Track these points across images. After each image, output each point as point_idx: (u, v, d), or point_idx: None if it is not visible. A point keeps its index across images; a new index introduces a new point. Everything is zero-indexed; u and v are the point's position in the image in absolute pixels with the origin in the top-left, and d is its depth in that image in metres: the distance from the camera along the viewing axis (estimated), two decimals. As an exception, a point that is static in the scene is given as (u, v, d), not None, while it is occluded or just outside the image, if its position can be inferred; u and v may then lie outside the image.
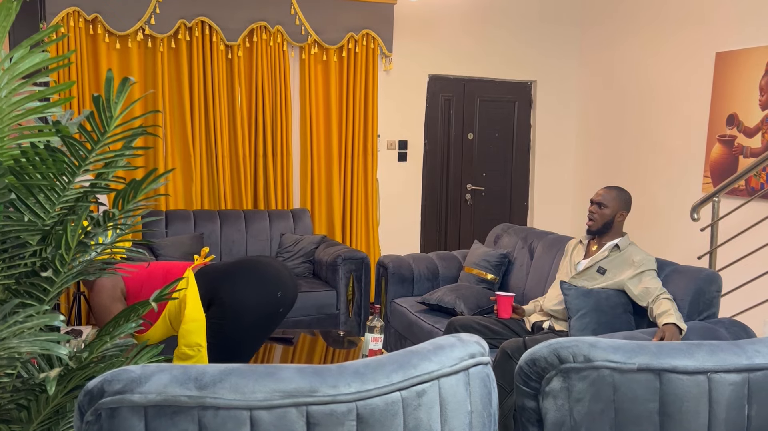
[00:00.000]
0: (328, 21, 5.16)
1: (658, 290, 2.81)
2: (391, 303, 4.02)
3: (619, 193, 3.10)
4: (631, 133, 5.56)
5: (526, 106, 6.17)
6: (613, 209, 3.06)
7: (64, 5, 4.46)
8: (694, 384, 1.24)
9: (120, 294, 2.60)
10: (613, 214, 3.06)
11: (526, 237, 3.98)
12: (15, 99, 1.32)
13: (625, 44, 5.61)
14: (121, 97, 1.37)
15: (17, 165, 1.33)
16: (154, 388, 1.06)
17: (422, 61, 5.67)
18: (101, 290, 2.57)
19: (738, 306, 4.00)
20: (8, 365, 1.30)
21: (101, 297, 2.57)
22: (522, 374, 1.36)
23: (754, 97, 4.42)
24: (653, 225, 5.29)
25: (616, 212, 3.07)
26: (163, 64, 4.78)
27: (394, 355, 1.21)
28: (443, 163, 5.93)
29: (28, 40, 1.30)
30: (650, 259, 2.96)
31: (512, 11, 5.92)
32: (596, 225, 3.09)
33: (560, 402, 1.29)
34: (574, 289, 2.97)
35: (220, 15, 4.85)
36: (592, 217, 3.11)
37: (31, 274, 1.39)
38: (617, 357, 1.27)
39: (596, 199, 3.10)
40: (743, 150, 4.50)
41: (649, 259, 2.96)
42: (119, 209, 1.45)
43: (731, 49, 4.60)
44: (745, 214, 4.21)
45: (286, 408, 1.07)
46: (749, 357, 1.27)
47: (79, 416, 1.12)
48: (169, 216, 4.68)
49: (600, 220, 3.08)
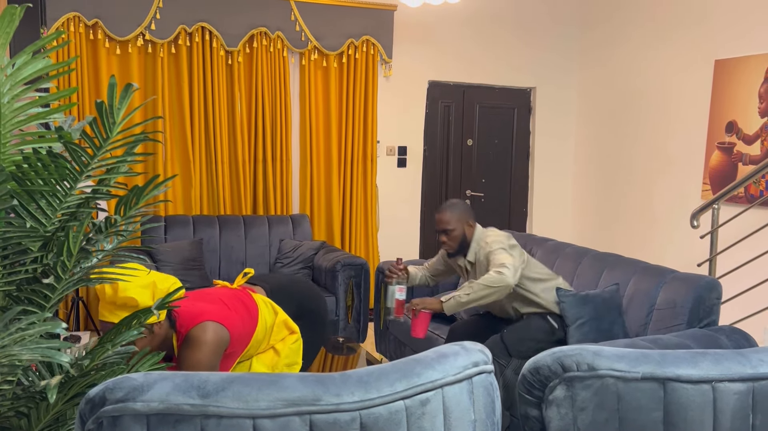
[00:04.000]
0: (328, 27, 5.17)
1: (492, 263, 2.88)
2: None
3: (452, 210, 3.11)
4: (630, 139, 5.57)
5: (525, 112, 6.18)
6: (458, 228, 3.08)
7: (64, 10, 4.46)
8: (698, 394, 1.24)
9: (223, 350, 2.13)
10: (461, 230, 3.09)
11: (526, 244, 3.97)
12: (18, 105, 1.32)
13: (625, 51, 5.62)
14: (124, 103, 1.37)
15: (19, 171, 1.32)
16: (156, 396, 1.05)
17: (422, 68, 5.68)
18: (203, 344, 2.04)
19: (737, 313, 3.99)
20: (9, 372, 1.29)
21: (204, 352, 2.04)
22: (525, 382, 1.35)
23: (753, 104, 4.43)
24: (652, 231, 5.29)
25: (463, 227, 3.09)
26: (163, 70, 4.78)
27: (397, 364, 1.20)
28: (443, 169, 5.93)
29: (31, 46, 1.30)
30: (493, 241, 2.98)
31: (512, 18, 5.94)
32: (453, 249, 3.13)
33: (564, 411, 1.28)
34: (572, 296, 2.97)
35: (221, 21, 4.85)
36: (446, 245, 3.13)
37: (32, 281, 1.38)
38: (621, 365, 1.26)
39: (440, 227, 3.12)
40: (742, 157, 4.51)
41: (493, 242, 2.98)
42: (121, 215, 1.44)
43: (730, 57, 4.61)
44: (744, 221, 4.21)
45: (289, 417, 1.06)
46: (753, 366, 1.27)
47: (81, 424, 1.11)
48: (168, 221, 4.67)
49: (454, 244, 3.10)
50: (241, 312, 2.25)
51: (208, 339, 2.05)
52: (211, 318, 2.09)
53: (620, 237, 5.59)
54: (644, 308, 2.95)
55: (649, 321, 2.90)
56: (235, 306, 2.24)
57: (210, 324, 2.08)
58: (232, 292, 2.34)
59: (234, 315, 2.19)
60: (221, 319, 2.12)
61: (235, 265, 4.74)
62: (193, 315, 2.10)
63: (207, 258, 4.65)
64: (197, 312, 2.11)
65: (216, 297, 2.26)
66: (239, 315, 2.23)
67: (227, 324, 2.13)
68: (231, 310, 2.20)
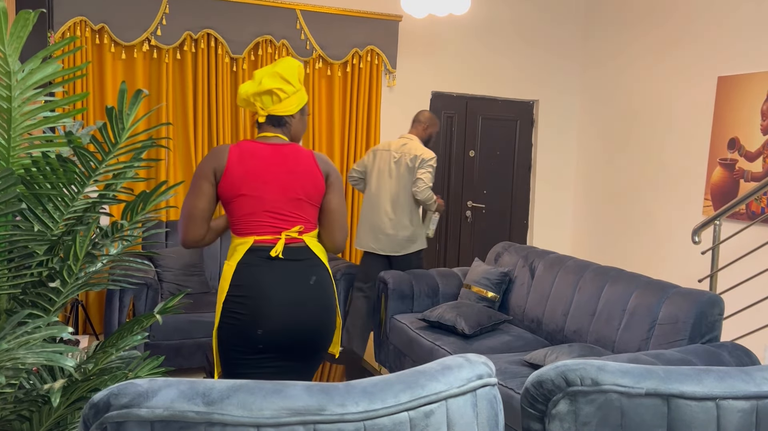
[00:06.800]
0: (333, 36, 5.19)
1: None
2: (390, 319, 4.00)
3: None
4: (632, 154, 5.58)
5: (527, 125, 6.20)
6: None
7: (71, 15, 4.48)
8: (702, 411, 1.24)
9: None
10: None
11: (527, 256, 3.98)
12: (28, 109, 1.32)
13: (627, 66, 5.64)
14: (134, 109, 1.38)
15: (27, 174, 1.32)
16: (161, 403, 1.05)
17: (425, 78, 5.70)
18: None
19: (738, 330, 3.99)
20: (13, 376, 1.29)
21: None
22: (528, 396, 1.35)
23: (755, 121, 4.45)
24: (653, 246, 5.29)
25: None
26: (168, 75, 4.80)
27: (401, 375, 1.20)
28: (444, 179, 5.94)
29: (43, 52, 1.30)
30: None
31: (516, 31, 5.96)
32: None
33: (567, 425, 1.28)
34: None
35: (227, 28, 4.87)
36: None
37: (37, 284, 1.38)
38: (625, 381, 1.26)
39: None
40: (744, 174, 4.52)
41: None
42: (128, 221, 1.44)
43: (734, 74, 4.63)
44: (745, 238, 4.21)
45: (294, 426, 1.06)
46: (758, 385, 1.27)
47: (84, 429, 1.11)
48: (169, 227, 4.67)
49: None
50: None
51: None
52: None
53: (621, 251, 5.59)
54: (646, 323, 2.95)
55: (651, 336, 2.90)
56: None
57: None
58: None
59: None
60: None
61: (235, 272, 4.73)
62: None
63: (207, 264, 4.64)
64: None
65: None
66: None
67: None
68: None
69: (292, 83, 2.22)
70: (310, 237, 2.23)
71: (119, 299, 3.78)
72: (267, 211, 2.16)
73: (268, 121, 2.25)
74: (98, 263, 1.53)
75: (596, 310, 3.25)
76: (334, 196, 2.24)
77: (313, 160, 2.24)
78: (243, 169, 2.15)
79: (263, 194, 2.15)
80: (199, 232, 2.16)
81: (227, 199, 2.17)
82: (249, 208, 2.15)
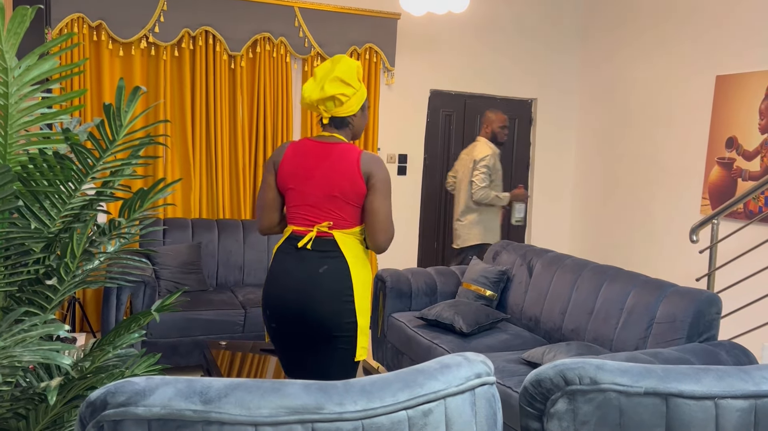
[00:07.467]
0: (331, 34, 5.18)
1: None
2: (388, 317, 4.00)
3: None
4: (630, 153, 5.58)
5: (526, 123, 6.19)
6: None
7: (68, 11, 4.47)
8: (701, 410, 1.23)
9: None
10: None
11: (525, 255, 3.98)
12: (25, 105, 1.32)
13: (626, 65, 5.64)
14: (132, 106, 1.37)
15: (24, 171, 1.32)
16: (158, 401, 1.04)
17: (424, 77, 5.69)
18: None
19: (735, 329, 3.99)
20: (9, 374, 1.29)
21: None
22: (527, 395, 1.35)
23: (753, 120, 4.45)
24: (651, 245, 5.30)
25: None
26: (166, 72, 4.79)
27: (400, 373, 1.20)
28: (443, 177, 5.93)
29: (40, 48, 1.30)
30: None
31: (514, 29, 5.96)
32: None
33: (565, 424, 1.28)
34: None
35: (225, 25, 4.86)
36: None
37: (34, 282, 1.38)
38: (624, 380, 1.26)
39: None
40: (742, 173, 4.52)
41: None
42: (125, 218, 1.44)
43: (732, 73, 4.63)
44: (743, 237, 4.22)
45: (292, 425, 1.06)
46: (756, 383, 1.27)
47: (81, 427, 1.10)
48: (167, 224, 4.66)
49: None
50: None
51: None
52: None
53: (619, 250, 5.60)
54: (644, 321, 2.95)
55: (649, 334, 2.90)
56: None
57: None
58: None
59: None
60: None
61: (232, 270, 4.73)
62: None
63: (205, 262, 4.64)
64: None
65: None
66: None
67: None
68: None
69: (352, 85, 2.30)
70: (343, 233, 2.31)
71: (116, 297, 3.78)
72: (307, 204, 2.31)
73: (331, 122, 2.35)
74: (95, 261, 1.52)
75: (594, 309, 3.25)
76: (375, 197, 2.28)
77: (355, 161, 2.29)
78: (293, 164, 2.33)
79: (305, 189, 2.31)
80: (271, 220, 2.42)
81: (281, 191, 2.38)
82: (294, 201, 2.33)
